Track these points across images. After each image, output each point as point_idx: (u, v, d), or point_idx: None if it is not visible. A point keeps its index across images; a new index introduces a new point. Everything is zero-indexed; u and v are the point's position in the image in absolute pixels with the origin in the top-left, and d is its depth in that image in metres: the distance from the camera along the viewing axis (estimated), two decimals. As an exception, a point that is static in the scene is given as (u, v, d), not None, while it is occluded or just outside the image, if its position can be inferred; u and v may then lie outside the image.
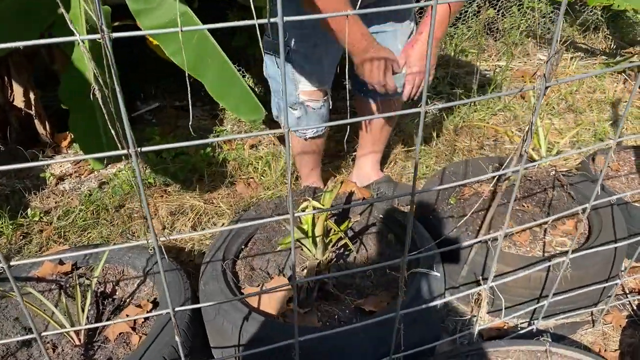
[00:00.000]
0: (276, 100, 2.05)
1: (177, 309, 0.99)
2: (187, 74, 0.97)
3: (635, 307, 1.81)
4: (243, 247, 1.71)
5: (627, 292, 1.88)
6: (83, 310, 1.43)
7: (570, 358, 1.41)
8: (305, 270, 1.53)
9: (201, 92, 3.34)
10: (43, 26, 2.13)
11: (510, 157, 1.33)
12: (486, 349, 1.42)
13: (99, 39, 0.69)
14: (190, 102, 0.88)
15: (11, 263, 0.83)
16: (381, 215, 1.76)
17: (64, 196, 2.46)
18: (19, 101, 2.74)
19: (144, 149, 0.79)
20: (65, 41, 0.66)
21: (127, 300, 1.57)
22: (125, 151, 0.78)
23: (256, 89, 3.29)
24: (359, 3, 1.54)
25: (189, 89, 0.86)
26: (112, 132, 0.76)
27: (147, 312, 1.49)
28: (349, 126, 1.04)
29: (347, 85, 2.02)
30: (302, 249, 1.54)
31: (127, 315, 1.49)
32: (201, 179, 2.51)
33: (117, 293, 1.61)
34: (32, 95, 2.74)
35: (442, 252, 1.55)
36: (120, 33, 0.70)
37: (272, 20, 0.73)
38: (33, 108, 2.77)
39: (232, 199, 2.40)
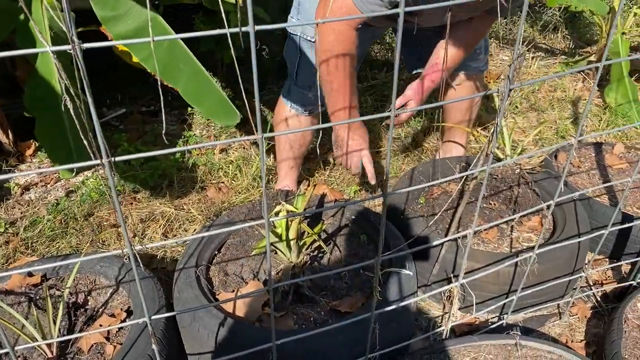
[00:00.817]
0: (288, 82, 2.10)
1: (153, 317, 0.99)
2: (159, 80, 0.97)
3: (599, 299, 1.88)
4: (216, 252, 1.71)
5: (591, 284, 1.95)
6: (55, 322, 1.41)
7: (539, 350, 1.46)
8: (280, 274, 1.53)
9: (169, 97, 3.33)
10: (4, 33, 2.08)
11: (477, 157, 1.37)
12: (458, 345, 1.45)
13: (70, 50, 0.69)
14: (162, 107, 0.88)
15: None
16: (353, 217, 1.78)
17: (30, 206, 2.40)
18: None
19: (117, 158, 0.78)
20: (34, 52, 0.66)
21: (100, 310, 1.55)
22: (98, 161, 0.78)
23: (224, 93, 3.28)
24: (397, 53, 1.56)
25: (161, 94, 0.86)
26: (85, 142, 0.76)
27: (122, 321, 1.47)
28: (320, 131, 1.06)
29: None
30: (276, 253, 1.55)
31: (101, 325, 1.47)
32: (171, 184, 2.49)
33: (89, 303, 1.59)
34: (-7, 103, 2.67)
35: (414, 251, 1.58)
36: (92, 43, 0.70)
37: (243, 29, 0.74)
38: (-6, 116, 2.70)
39: (203, 204, 2.39)
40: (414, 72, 2.24)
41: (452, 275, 1.67)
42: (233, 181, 2.55)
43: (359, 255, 1.67)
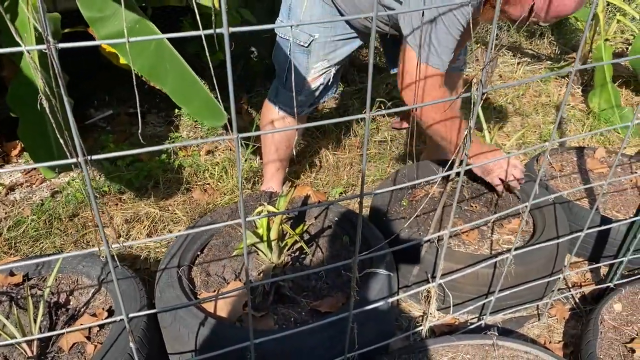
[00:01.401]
0: (276, 85, 2.15)
1: (131, 315, 0.99)
2: (137, 82, 0.99)
3: (577, 300, 1.91)
4: (199, 253, 1.72)
5: (570, 286, 1.97)
6: (35, 321, 1.41)
7: (516, 350, 1.48)
8: (261, 274, 1.55)
9: (156, 99, 3.33)
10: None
11: (451, 159, 1.39)
12: (437, 345, 1.47)
13: (45, 50, 0.70)
14: (138, 107, 0.89)
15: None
16: (336, 218, 1.80)
17: (15, 206, 2.40)
18: None
19: (94, 157, 0.79)
20: (11, 52, 0.67)
21: (82, 309, 1.55)
22: (74, 159, 0.79)
23: (211, 94, 3.29)
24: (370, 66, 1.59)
25: (137, 92, 0.87)
26: (61, 140, 0.77)
27: (102, 320, 1.48)
28: (297, 131, 1.07)
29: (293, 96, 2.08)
30: (257, 254, 1.56)
31: (82, 324, 1.47)
32: (156, 186, 2.50)
33: (71, 303, 1.59)
34: (-22, 104, 2.66)
35: (396, 253, 1.60)
36: (67, 43, 0.71)
37: (217, 30, 0.76)
38: (-20, 116, 2.69)
39: (189, 205, 2.40)
40: (393, 70, 2.28)
41: (430, 276, 1.69)
42: (219, 183, 2.56)
43: (341, 256, 1.68)
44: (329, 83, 2.17)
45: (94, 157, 0.80)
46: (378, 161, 2.69)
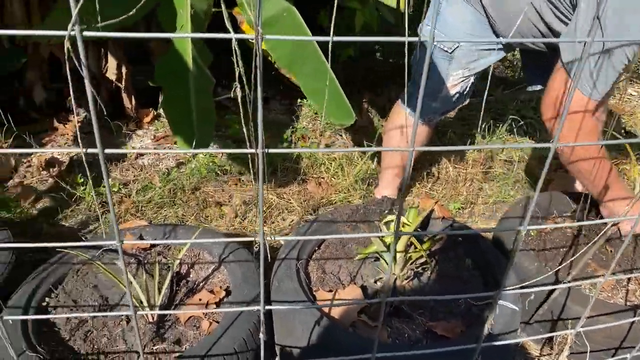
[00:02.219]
0: (411, 89, 2.09)
1: (267, 307, 0.99)
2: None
3: None
4: (316, 248, 1.71)
5: None
6: (160, 291, 1.47)
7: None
8: (381, 283, 1.51)
9: (280, 86, 3.39)
10: (148, 6, 2.19)
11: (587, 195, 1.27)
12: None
13: (251, 40, 0.70)
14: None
15: (124, 241, 0.86)
16: (461, 238, 1.72)
17: (142, 171, 2.54)
18: (111, 74, 2.84)
19: (271, 150, 0.79)
20: (218, 37, 0.67)
21: (201, 284, 1.60)
22: (252, 150, 0.78)
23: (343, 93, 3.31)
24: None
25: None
26: (244, 130, 0.77)
27: (220, 299, 1.51)
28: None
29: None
30: (380, 262, 1.52)
31: (200, 300, 1.52)
32: (275, 172, 2.54)
33: (191, 276, 1.64)
34: (124, 70, 2.85)
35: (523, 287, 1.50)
36: (272, 36, 0.70)
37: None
38: (123, 82, 2.87)
39: (303, 196, 2.41)
40: (531, 87, 2.15)
41: (558, 318, 1.57)
42: (333, 178, 2.55)
43: (463, 279, 1.60)
44: (465, 92, 2.08)
45: (271, 150, 0.80)
46: (501, 182, 2.55)
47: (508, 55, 3.90)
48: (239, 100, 0.78)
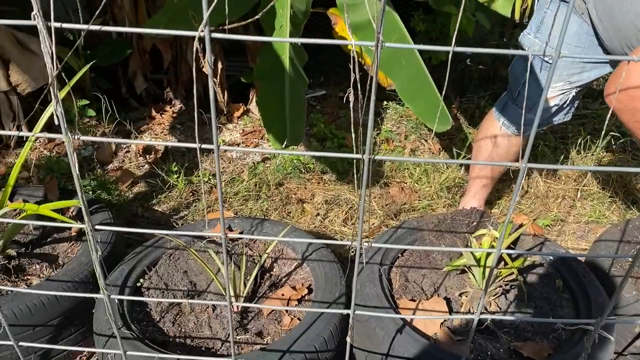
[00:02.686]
0: (506, 99, 2.01)
1: (357, 312, 0.99)
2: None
3: None
4: (400, 255, 1.70)
5: None
6: (246, 283, 1.51)
7: None
8: (466, 297, 1.47)
9: (365, 87, 3.38)
10: (248, 6, 2.26)
11: None
12: None
13: (372, 47, 0.70)
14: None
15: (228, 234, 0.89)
16: (552, 257, 1.64)
17: (231, 163, 2.62)
18: (207, 68, 2.95)
19: (378, 157, 0.79)
20: (336, 44, 0.68)
21: (284, 280, 1.63)
22: (358, 155, 0.79)
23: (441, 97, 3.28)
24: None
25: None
26: (353, 135, 0.77)
27: (302, 296, 1.53)
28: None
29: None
30: (466, 274, 1.49)
31: (283, 295, 1.55)
32: (357, 173, 2.54)
33: (274, 270, 1.68)
34: (219, 65, 2.95)
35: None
36: (393, 44, 0.70)
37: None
38: (218, 77, 2.98)
39: (384, 200, 2.40)
40: None
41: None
42: (416, 184, 2.52)
43: (551, 301, 1.53)
44: (564, 105, 1.98)
45: (377, 157, 0.80)
46: (596, 200, 2.41)
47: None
48: (351, 105, 0.78)
